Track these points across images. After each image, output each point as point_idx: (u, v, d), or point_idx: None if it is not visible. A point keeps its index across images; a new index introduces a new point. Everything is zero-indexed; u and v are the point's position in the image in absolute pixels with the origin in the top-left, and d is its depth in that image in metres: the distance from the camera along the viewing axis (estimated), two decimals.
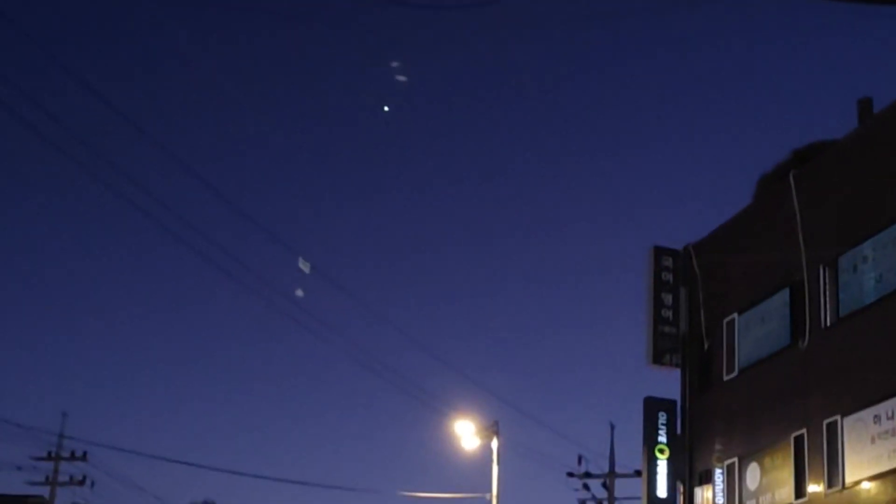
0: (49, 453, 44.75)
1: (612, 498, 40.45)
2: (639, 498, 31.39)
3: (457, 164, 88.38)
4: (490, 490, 33.78)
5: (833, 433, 24.57)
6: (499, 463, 33.90)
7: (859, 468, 23.73)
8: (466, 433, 33.52)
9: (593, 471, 40.74)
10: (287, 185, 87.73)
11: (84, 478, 44.92)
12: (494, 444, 33.86)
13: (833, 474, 24.42)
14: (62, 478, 44.83)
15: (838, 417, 24.45)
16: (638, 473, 34.25)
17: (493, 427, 33.97)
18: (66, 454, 44.84)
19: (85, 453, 44.85)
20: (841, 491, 24.12)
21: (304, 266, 26.98)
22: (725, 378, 28.80)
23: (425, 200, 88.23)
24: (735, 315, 28.80)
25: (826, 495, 24.48)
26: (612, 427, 41.07)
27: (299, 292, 28.78)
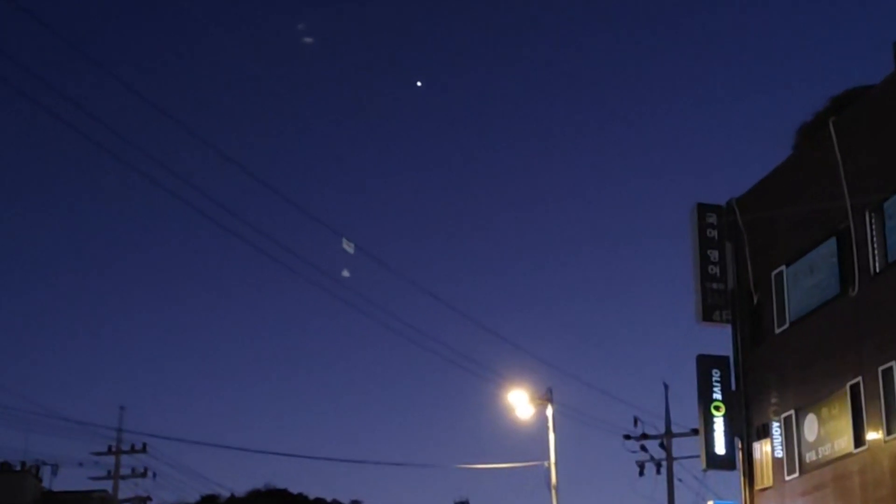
0: (109, 448, 45.16)
1: (670, 458, 40.33)
2: (697, 456, 31.38)
3: (494, 131, 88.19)
4: (547, 458, 33.82)
5: (889, 379, 24.44)
6: (554, 430, 33.93)
7: None
8: (520, 402, 33.52)
9: (650, 432, 40.62)
10: (322, 164, 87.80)
11: (145, 470, 45.38)
12: (549, 411, 33.87)
13: (891, 420, 24.31)
14: (124, 471, 45.29)
15: (893, 363, 24.31)
16: (695, 432, 34.19)
17: (546, 394, 33.97)
18: (126, 447, 45.25)
19: (144, 445, 45.24)
20: None
21: (349, 246, 27.01)
22: (777, 331, 28.69)
23: (465, 171, 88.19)
24: (783, 267, 28.66)
25: (885, 442, 24.38)
26: (666, 387, 40.86)
27: (345, 272, 28.76)
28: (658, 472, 40.97)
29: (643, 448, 40.88)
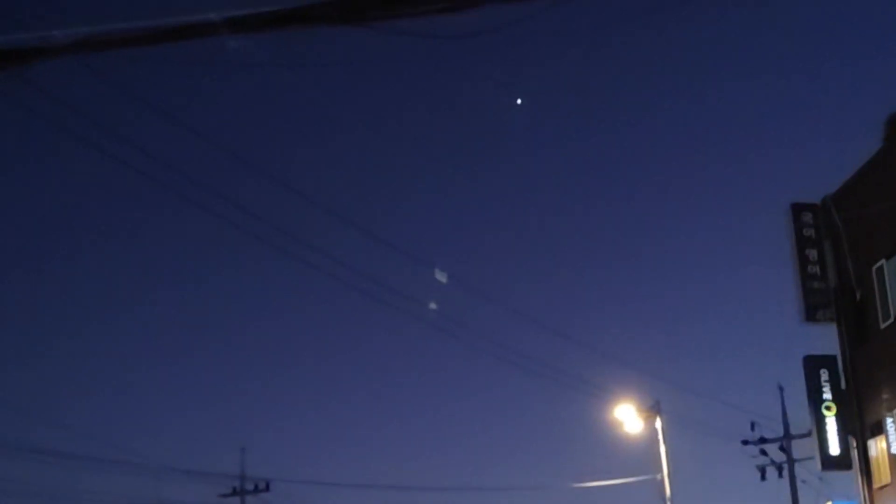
0: (234, 489, 46.00)
1: (791, 460, 39.89)
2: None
3: (577, 144, 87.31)
4: (660, 471, 33.63)
5: None
6: (665, 442, 33.74)
7: None
8: (628, 417, 33.41)
9: (767, 435, 40.23)
10: (392, 187, 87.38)
11: None
12: (658, 423, 33.70)
13: None
14: None
15: None
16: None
17: (655, 407, 33.81)
18: (249, 488, 46.03)
19: (268, 484, 46.00)
20: None
21: (441, 276, 27.00)
22: (882, 326, 28.24)
23: (556, 192, 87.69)
24: (883, 261, 28.21)
25: None
26: (781, 389, 40.52)
27: (433, 305, 28.57)
28: (780, 475, 40.57)
29: (763, 452, 40.49)
